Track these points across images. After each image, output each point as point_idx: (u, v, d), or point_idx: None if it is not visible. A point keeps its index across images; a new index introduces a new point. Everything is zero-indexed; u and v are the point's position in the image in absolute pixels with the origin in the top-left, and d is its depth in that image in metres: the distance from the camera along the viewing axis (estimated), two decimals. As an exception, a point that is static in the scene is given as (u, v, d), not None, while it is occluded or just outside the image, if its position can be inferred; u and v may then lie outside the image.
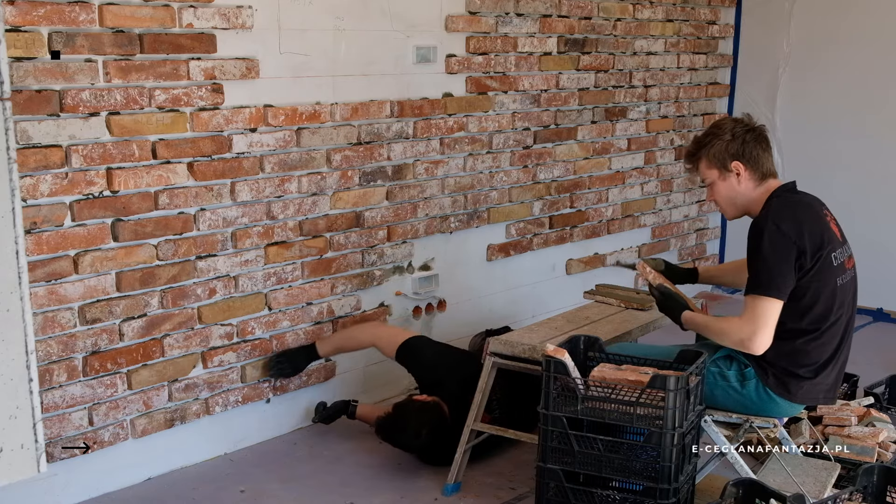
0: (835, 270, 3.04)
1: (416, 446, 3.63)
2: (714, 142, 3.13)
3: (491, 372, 3.49)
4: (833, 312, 3.05)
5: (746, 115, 3.25)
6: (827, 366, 3.10)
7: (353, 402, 3.87)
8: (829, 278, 3.02)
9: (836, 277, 3.05)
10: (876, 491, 3.22)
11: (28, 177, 3.04)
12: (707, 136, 3.18)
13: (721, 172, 3.13)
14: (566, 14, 4.85)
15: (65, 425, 3.27)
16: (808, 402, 3.16)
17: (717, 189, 3.17)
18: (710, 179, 3.17)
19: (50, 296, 3.16)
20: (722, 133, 3.13)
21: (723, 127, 3.16)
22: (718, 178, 3.15)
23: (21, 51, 2.95)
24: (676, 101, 5.69)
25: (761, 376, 3.06)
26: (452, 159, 4.43)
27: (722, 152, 3.11)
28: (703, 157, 3.15)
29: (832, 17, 5.68)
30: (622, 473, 2.95)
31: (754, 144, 3.12)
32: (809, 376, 3.07)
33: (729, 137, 3.11)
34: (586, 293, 4.00)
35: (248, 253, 3.70)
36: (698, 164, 3.18)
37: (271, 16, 3.62)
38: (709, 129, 3.21)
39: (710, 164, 3.15)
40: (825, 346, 3.08)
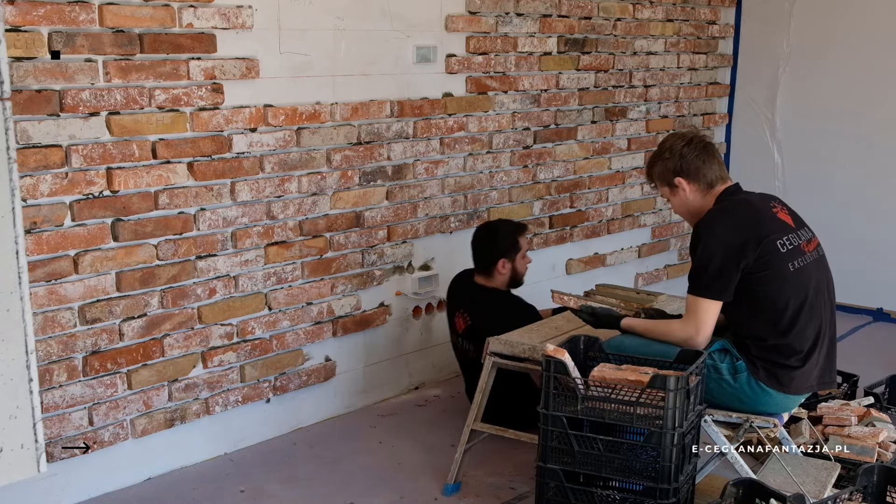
0: (783, 256, 3.10)
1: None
2: (657, 161, 3.29)
3: (491, 372, 3.49)
4: (794, 298, 3.09)
5: (691, 128, 3.42)
6: (812, 352, 3.13)
7: None
8: (778, 266, 3.08)
9: (787, 263, 3.10)
10: (876, 491, 3.22)
11: (28, 177, 3.04)
12: (653, 156, 3.33)
13: (670, 189, 3.28)
14: (566, 14, 4.85)
15: (65, 425, 3.27)
16: (804, 391, 3.17)
17: (673, 203, 3.33)
18: (665, 195, 3.35)
19: (50, 296, 3.16)
20: (662, 152, 3.28)
21: (664, 146, 3.30)
22: (670, 193, 3.30)
23: (21, 51, 2.95)
24: (676, 101, 5.69)
25: (752, 370, 3.08)
26: (452, 159, 4.43)
27: (665, 171, 3.27)
28: (654, 177, 3.33)
29: (832, 16, 5.68)
30: (622, 473, 2.95)
31: (693, 158, 3.24)
32: (798, 365, 3.10)
33: (668, 156, 3.26)
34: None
35: (248, 253, 3.70)
36: (652, 181, 3.36)
37: (271, 16, 3.62)
38: (657, 149, 3.35)
39: (660, 182, 3.31)
40: (803, 332, 3.11)
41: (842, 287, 3.33)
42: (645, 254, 5.69)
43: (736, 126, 6.11)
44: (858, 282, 5.53)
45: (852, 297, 5.57)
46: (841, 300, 3.31)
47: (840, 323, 3.37)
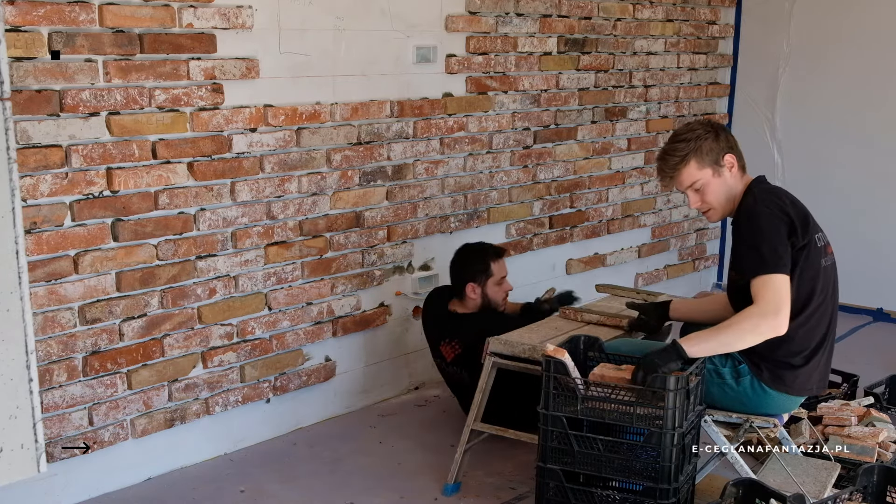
0: (819, 251, 3.09)
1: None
2: (700, 142, 3.10)
3: (491, 372, 3.49)
4: (817, 294, 3.08)
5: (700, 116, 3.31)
6: (817, 351, 3.12)
7: None
8: (815, 259, 3.06)
9: (821, 258, 3.09)
10: (876, 491, 3.22)
11: (28, 177, 3.04)
12: (685, 140, 3.12)
13: (715, 169, 3.11)
14: (566, 14, 4.85)
15: (65, 425, 3.27)
16: (804, 392, 3.17)
17: (711, 188, 3.12)
18: (702, 180, 3.11)
19: (50, 296, 3.16)
20: (703, 132, 3.11)
21: (697, 129, 3.13)
22: (713, 175, 3.11)
23: (21, 51, 2.95)
24: (676, 101, 5.69)
25: (755, 372, 3.07)
26: (452, 159, 4.43)
27: (714, 148, 3.10)
28: (693, 158, 3.09)
29: (832, 17, 5.68)
30: (622, 473, 2.95)
31: (733, 138, 3.18)
32: (801, 363, 3.09)
33: (713, 134, 3.12)
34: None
35: (248, 253, 3.70)
36: (683, 169, 3.11)
37: (271, 16, 3.62)
38: (682, 135, 3.14)
39: (701, 163, 3.10)
40: (813, 330, 3.10)
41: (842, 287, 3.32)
42: (645, 254, 5.69)
43: (736, 126, 6.10)
44: (859, 282, 5.53)
45: (852, 297, 5.56)
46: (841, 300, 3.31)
47: (840, 323, 3.36)
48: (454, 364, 3.88)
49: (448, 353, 3.90)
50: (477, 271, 3.95)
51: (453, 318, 3.95)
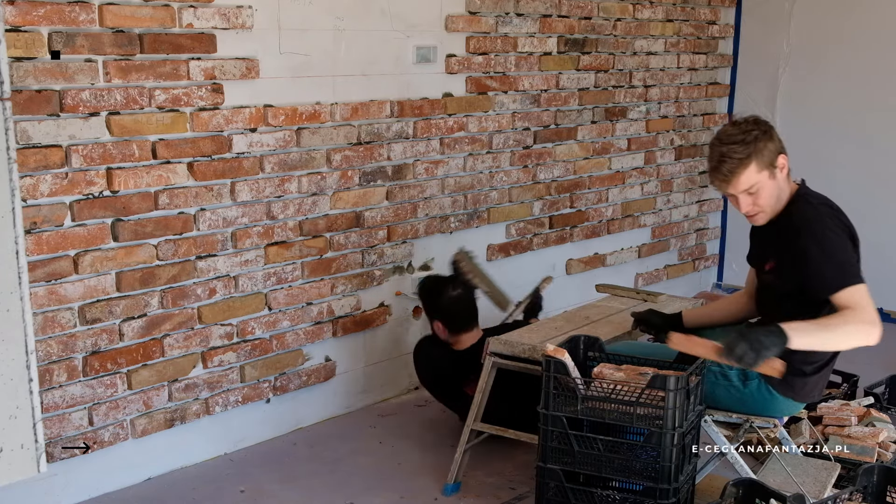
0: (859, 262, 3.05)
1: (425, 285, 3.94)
2: (758, 143, 2.95)
3: (491, 372, 3.49)
4: None
5: (738, 115, 3.14)
6: (829, 362, 3.12)
7: None
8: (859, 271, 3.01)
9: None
10: (876, 491, 3.22)
11: (28, 177, 3.04)
12: (743, 142, 2.95)
13: (770, 172, 2.98)
14: (566, 14, 4.85)
15: (65, 425, 3.27)
16: (808, 399, 3.17)
17: (766, 191, 2.98)
18: (759, 184, 2.97)
19: (50, 296, 3.16)
20: (760, 133, 2.97)
21: (752, 129, 2.98)
22: (769, 178, 2.98)
23: (21, 51, 2.95)
24: (676, 101, 5.69)
25: (765, 377, 3.05)
26: (452, 159, 4.43)
27: (771, 149, 2.98)
28: (754, 160, 2.94)
29: (832, 17, 5.68)
30: (622, 473, 2.95)
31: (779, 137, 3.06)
32: (813, 372, 3.08)
33: (768, 134, 2.99)
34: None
35: (248, 253, 3.70)
36: (742, 173, 2.94)
37: (271, 16, 3.62)
38: (737, 137, 2.97)
39: (760, 166, 2.95)
40: None
41: (842, 287, 3.33)
42: (645, 254, 5.69)
43: (736, 126, 6.10)
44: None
45: (852, 297, 5.56)
46: (841, 300, 3.30)
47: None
48: None
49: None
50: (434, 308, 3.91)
51: (466, 357, 3.86)
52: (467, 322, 3.87)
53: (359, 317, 4.17)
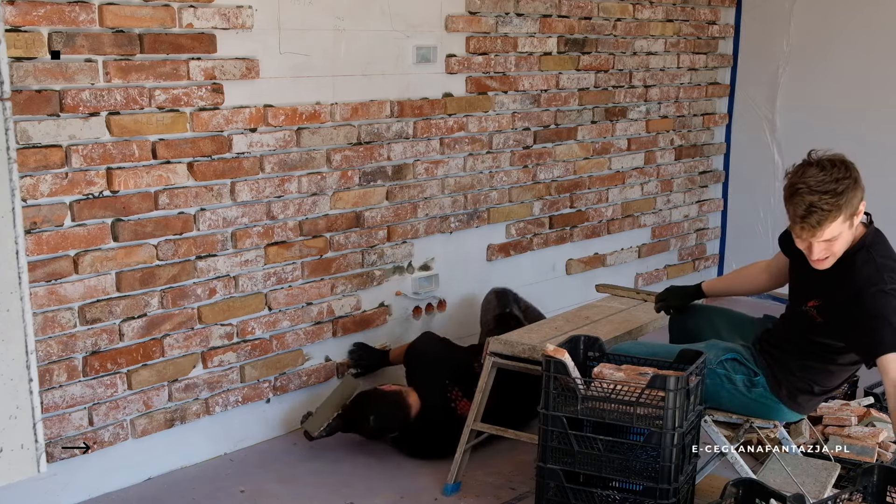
0: None
1: (368, 430, 3.78)
2: (850, 193, 2.80)
3: (491, 372, 3.49)
4: None
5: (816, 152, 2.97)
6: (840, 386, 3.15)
7: None
8: None
9: None
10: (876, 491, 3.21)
11: (28, 177, 3.04)
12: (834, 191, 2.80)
13: (851, 221, 2.85)
14: (566, 14, 4.84)
15: (65, 425, 3.27)
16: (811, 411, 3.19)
17: (842, 238, 2.85)
18: (839, 233, 2.83)
19: (50, 296, 3.16)
20: (851, 181, 2.83)
21: (842, 178, 2.83)
22: (848, 227, 2.85)
23: (21, 51, 2.95)
24: (676, 101, 5.69)
25: (773, 388, 3.06)
26: (452, 159, 4.43)
27: (858, 199, 2.85)
28: (843, 212, 2.79)
29: (832, 16, 5.68)
30: (622, 473, 2.95)
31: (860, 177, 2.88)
32: (821, 393, 3.11)
33: (857, 181, 2.85)
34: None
35: (248, 253, 3.70)
36: (831, 224, 2.80)
37: (271, 16, 3.62)
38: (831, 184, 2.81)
39: (847, 216, 2.81)
40: (851, 370, 3.12)
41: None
42: (645, 254, 5.69)
43: (736, 126, 6.10)
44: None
45: (852, 297, 5.56)
46: (841, 300, 3.31)
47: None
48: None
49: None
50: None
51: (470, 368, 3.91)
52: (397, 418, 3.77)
53: (359, 317, 4.17)
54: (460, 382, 3.77)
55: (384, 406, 3.74)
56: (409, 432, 3.78)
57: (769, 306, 3.63)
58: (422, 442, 3.75)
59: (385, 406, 3.74)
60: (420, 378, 3.89)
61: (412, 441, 3.79)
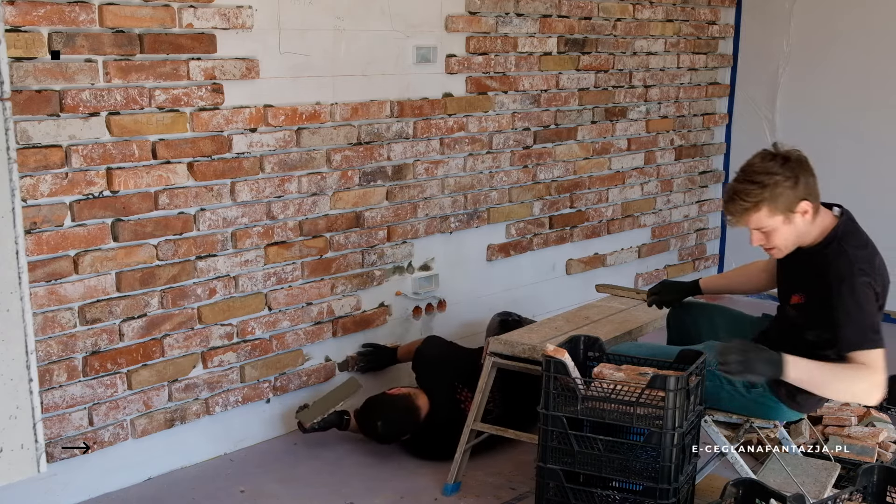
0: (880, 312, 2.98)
1: (377, 437, 3.77)
2: (776, 189, 2.84)
3: (491, 372, 3.49)
4: None
5: (777, 145, 2.98)
6: None
7: (346, 416, 3.87)
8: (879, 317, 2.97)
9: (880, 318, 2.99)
10: (876, 491, 3.21)
11: (28, 177, 3.04)
12: (761, 184, 2.86)
13: (787, 217, 2.88)
14: (566, 14, 4.84)
15: (65, 425, 3.27)
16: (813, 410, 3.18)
17: (780, 234, 2.91)
18: (770, 227, 2.90)
19: (50, 296, 3.16)
20: (783, 178, 2.85)
21: (776, 172, 2.86)
22: (783, 222, 2.89)
23: (21, 51, 2.95)
24: (676, 102, 5.69)
25: (773, 388, 3.05)
26: (452, 159, 4.43)
27: (790, 197, 2.86)
28: (765, 206, 2.86)
29: (832, 16, 5.68)
30: (622, 473, 2.95)
31: (812, 177, 2.92)
32: None
33: (793, 180, 2.86)
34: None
35: (248, 253, 3.70)
36: (753, 215, 2.88)
37: (271, 16, 3.62)
38: (757, 177, 2.88)
39: (773, 211, 2.87)
40: None
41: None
42: (645, 254, 5.69)
43: (736, 126, 6.10)
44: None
45: (852, 297, 5.56)
46: (841, 300, 3.30)
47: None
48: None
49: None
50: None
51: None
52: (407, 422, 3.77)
53: (359, 317, 4.17)
54: (469, 383, 3.76)
55: (392, 411, 3.74)
56: (420, 434, 3.77)
57: (769, 306, 3.62)
58: (432, 443, 3.75)
59: (394, 411, 3.74)
60: (428, 380, 3.88)
61: (423, 442, 3.78)
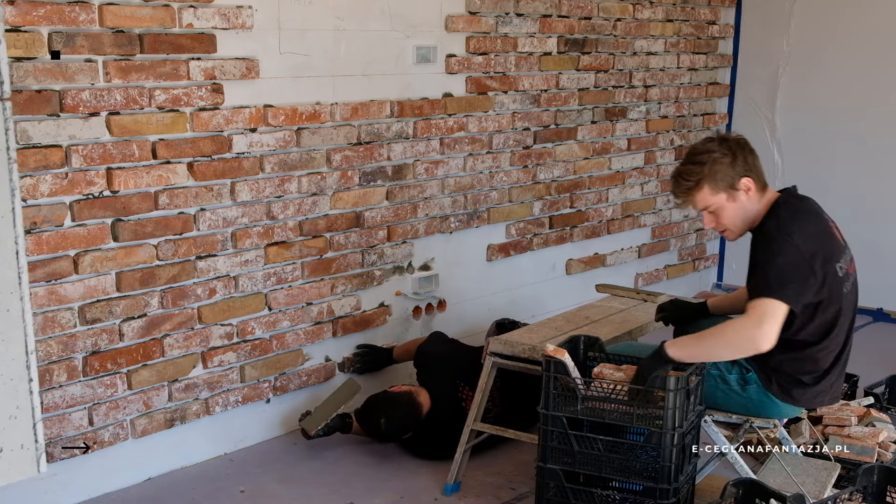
0: (840, 281, 3.00)
1: (380, 435, 3.77)
2: (715, 166, 2.96)
3: (491, 372, 3.49)
4: (839, 322, 3.03)
5: (718, 131, 3.09)
6: (830, 371, 3.08)
7: (349, 419, 3.87)
8: (836, 290, 2.98)
9: (842, 287, 3.01)
10: (876, 491, 3.22)
11: (28, 177, 3.04)
12: (700, 162, 2.99)
13: (730, 194, 2.98)
14: (566, 14, 4.85)
15: (65, 425, 3.27)
16: (813, 405, 3.17)
17: (726, 212, 3.01)
18: (715, 205, 3.01)
19: (50, 296, 3.16)
20: (720, 155, 2.97)
21: (713, 150, 2.99)
22: (727, 200, 2.99)
23: (21, 51, 2.95)
24: (676, 102, 5.69)
25: (764, 382, 3.05)
26: (452, 159, 4.43)
27: (729, 173, 2.97)
28: (706, 184, 2.97)
29: (832, 16, 5.68)
30: (622, 473, 2.95)
31: (752, 156, 3.02)
32: (812, 383, 3.06)
33: (730, 157, 2.97)
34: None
35: (248, 253, 3.70)
36: (697, 194, 3.00)
37: (271, 16, 3.62)
38: (696, 157, 3.01)
39: (715, 189, 2.97)
40: (830, 353, 3.06)
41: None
42: (645, 254, 5.69)
43: (736, 126, 6.10)
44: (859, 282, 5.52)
45: (852, 297, 5.56)
46: (840, 300, 3.30)
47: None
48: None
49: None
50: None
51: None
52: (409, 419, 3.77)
53: (359, 317, 4.17)
54: (470, 381, 3.76)
55: (395, 409, 3.73)
56: (422, 432, 3.77)
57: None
58: (433, 441, 3.75)
59: (396, 408, 3.73)
60: (430, 377, 3.89)
61: (424, 440, 3.78)
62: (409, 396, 3.76)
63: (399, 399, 3.75)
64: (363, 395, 3.95)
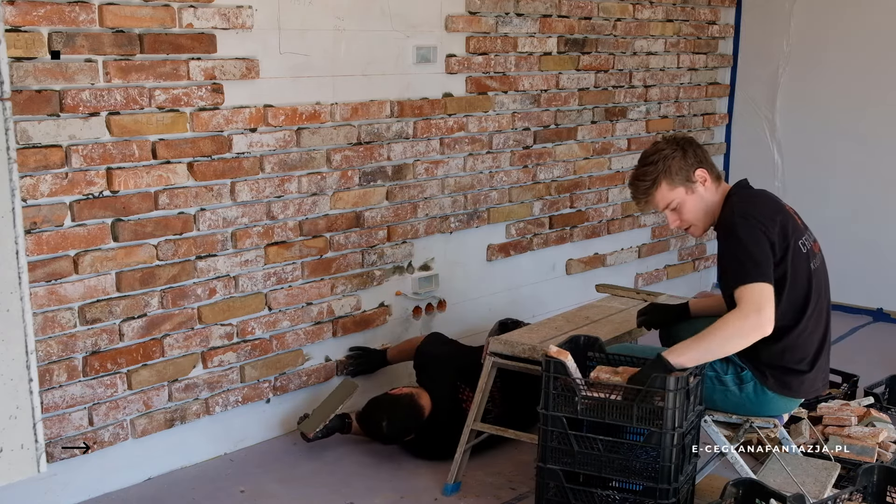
0: (805, 256, 3.06)
1: (382, 437, 3.76)
2: (668, 161, 3.08)
3: (491, 372, 3.49)
4: (812, 298, 3.06)
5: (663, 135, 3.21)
6: (820, 354, 3.12)
7: (348, 419, 3.87)
8: (802, 265, 3.03)
9: (809, 262, 3.07)
10: (876, 491, 3.22)
11: (28, 177, 3.04)
12: (653, 162, 3.10)
13: (687, 187, 3.10)
14: (566, 14, 4.85)
15: (65, 425, 3.27)
16: (810, 394, 3.17)
17: (687, 206, 3.12)
18: (676, 200, 3.12)
19: (50, 296, 3.16)
20: (670, 152, 3.09)
21: (663, 148, 3.11)
22: (686, 193, 3.11)
23: (21, 51, 2.95)
24: (676, 102, 5.69)
25: (760, 379, 3.06)
26: (452, 159, 4.43)
27: (683, 166, 3.08)
28: (663, 180, 3.09)
29: (832, 16, 5.68)
30: (622, 473, 2.95)
31: (701, 150, 3.15)
32: (807, 369, 3.08)
33: (681, 151, 3.09)
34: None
35: (248, 253, 3.70)
36: (656, 192, 3.11)
37: (271, 16, 3.62)
38: (648, 158, 3.13)
39: (672, 183, 3.09)
40: (813, 335, 3.09)
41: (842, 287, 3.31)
42: (645, 254, 5.69)
43: (736, 126, 6.11)
44: (858, 282, 5.53)
45: (852, 297, 5.56)
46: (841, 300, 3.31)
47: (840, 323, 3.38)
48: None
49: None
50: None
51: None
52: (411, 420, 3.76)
53: (359, 317, 4.17)
54: (470, 381, 3.75)
55: (396, 411, 3.73)
56: (423, 433, 3.77)
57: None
58: (435, 442, 3.75)
59: (397, 411, 3.73)
60: (430, 379, 3.88)
61: (425, 442, 3.78)
62: (410, 399, 3.76)
63: (400, 401, 3.75)
64: (361, 396, 3.95)
